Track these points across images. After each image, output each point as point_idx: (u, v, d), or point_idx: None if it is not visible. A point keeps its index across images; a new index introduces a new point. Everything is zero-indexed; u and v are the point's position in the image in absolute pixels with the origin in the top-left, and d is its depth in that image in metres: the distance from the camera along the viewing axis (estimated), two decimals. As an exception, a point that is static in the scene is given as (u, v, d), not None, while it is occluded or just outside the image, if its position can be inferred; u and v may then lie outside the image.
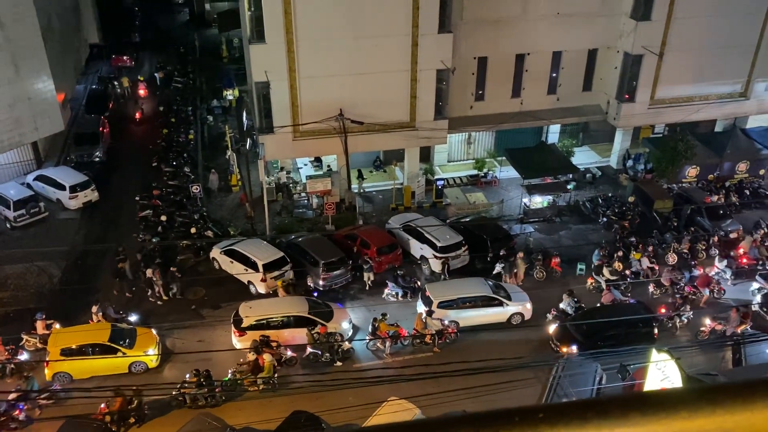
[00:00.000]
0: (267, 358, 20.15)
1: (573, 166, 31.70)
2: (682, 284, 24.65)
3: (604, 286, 24.45)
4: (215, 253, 26.11)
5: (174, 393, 19.38)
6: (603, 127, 34.75)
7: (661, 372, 11.29)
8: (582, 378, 18.56)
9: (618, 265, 24.99)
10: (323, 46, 27.03)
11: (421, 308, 23.06)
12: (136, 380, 20.31)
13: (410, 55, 27.99)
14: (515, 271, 25.48)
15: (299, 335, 21.82)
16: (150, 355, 21.20)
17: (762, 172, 32.79)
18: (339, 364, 21.47)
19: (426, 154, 33.21)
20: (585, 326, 21.54)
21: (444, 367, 18.22)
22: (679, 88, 32.68)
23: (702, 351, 21.10)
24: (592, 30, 31.48)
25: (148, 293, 24.39)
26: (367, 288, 25.24)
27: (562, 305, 23.49)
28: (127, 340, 21.24)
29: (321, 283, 24.67)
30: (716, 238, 27.42)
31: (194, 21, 57.50)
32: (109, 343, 20.89)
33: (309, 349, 21.46)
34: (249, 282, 24.85)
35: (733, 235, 27.97)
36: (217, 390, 19.66)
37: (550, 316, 23.28)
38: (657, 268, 25.63)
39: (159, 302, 24.24)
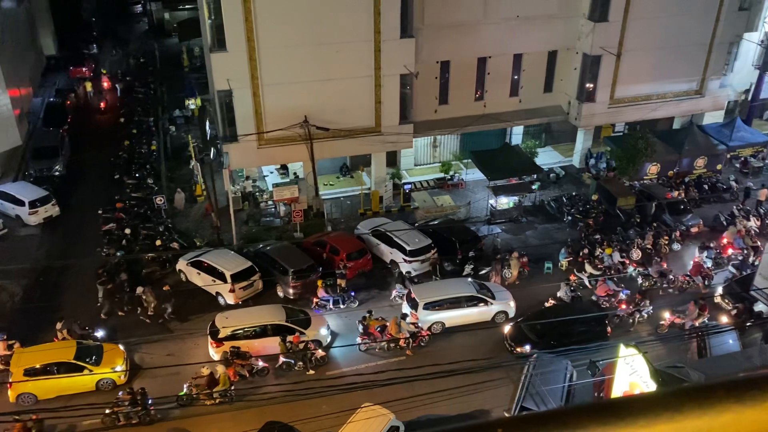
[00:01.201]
0: (221, 370, 19.84)
1: (537, 166, 32.11)
2: (672, 276, 25.35)
3: (587, 282, 24.84)
4: (182, 265, 25.72)
5: (107, 412, 18.92)
6: (565, 127, 35.31)
7: (630, 366, 11.48)
8: (553, 376, 18.76)
9: (596, 263, 25.49)
10: (286, 53, 26.92)
11: (407, 309, 23.23)
12: (104, 397, 19.89)
13: (373, 60, 28.07)
14: (504, 269, 25.80)
15: (271, 345, 21.60)
16: (118, 372, 20.75)
17: (719, 167, 33.68)
18: (311, 372, 21.32)
19: (392, 159, 33.30)
20: (538, 326, 21.77)
21: (417, 371, 18.24)
22: (638, 87, 33.42)
23: (668, 344, 21.52)
24: (552, 32, 31.99)
25: (138, 312, 23.71)
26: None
27: (559, 293, 24.03)
28: (94, 357, 20.77)
29: (290, 291, 24.50)
30: (678, 233, 28.07)
31: (154, 30, 56.72)
32: (74, 361, 20.39)
33: (281, 359, 21.29)
34: (217, 293, 24.54)
35: (694, 230, 28.71)
36: (152, 408, 19.26)
37: (548, 304, 23.90)
38: (628, 262, 26.20)
39: (148, 320, 23.56)
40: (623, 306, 23.30)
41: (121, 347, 21.62)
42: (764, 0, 34.42)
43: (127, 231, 27.45)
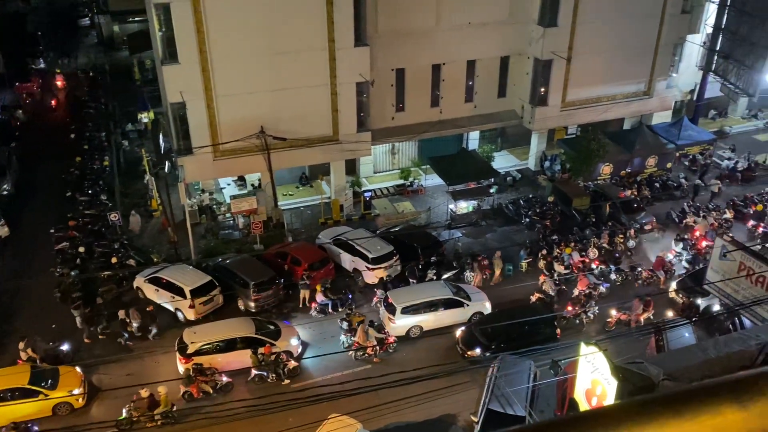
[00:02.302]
0: (162, 391, 19.38)
1: (494, 170, 32.54)
2: (640, 270, 26.09)
3: (557, 281, 25.25)
4: (139, 282, 25.16)
5: None
6: (519, 131, 35.88)
7: (591, 364, 11.65)
8: (517, 377, 18.94)
9: (558, 266, 26.00)
10: (239, 64, 26.69)
11: (384, 315, 23.33)
12: (62, 422, 19.24)
13: (328, 69, 28.05)
14: (487, 271, 26.20)
15: (241, 358, 21.34)
16: (75, 395, 20.12)
17: (669, 165, 34.68)
18: (287, 382, 21.12)
19: (352, 167, 33.29)
20: (489, 329, 21.95)
21: (383, 379, 18.20)
22: (588, 90, 34.22)
23: (628, 340, 21.95)
24: (503, 38, 32.51)
25: (124, 336, 22.90)
26: (300, 305, 24.96)
27: (544, 287, 24.56)
28: (50, 381, 20.10)
29: (252, 304, 24.20)
30: (633, 231, 28.78)
31: (103, 44, 55.55)
32: (29, 386, 19.70)
33: (254, 372, 21.03)
34: (177, 309, 24.06)
35: (647, 227, 29.46)
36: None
37: (533, 299, 24.40)
38: (587, 261, 26.78)
39: (129, 342, 22.82)
40: (569, 307, 23.60)
41: (78, 369, 20.98)
42: (705, 3, 35.70)
43: (81, 249, 26.72)
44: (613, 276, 26.02)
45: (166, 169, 30.93)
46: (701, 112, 38.81)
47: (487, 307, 24.11)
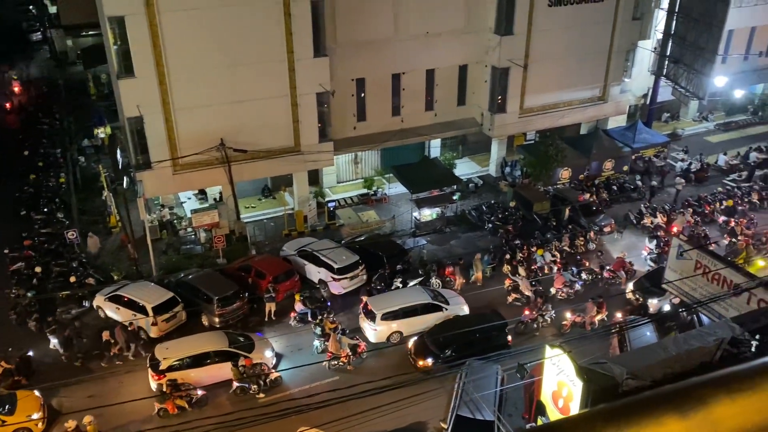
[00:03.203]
0: (87, 420, 18.85)
1: (456, 177, 32.85)
2: (608, 268, 26.71)
3: (521, 284, 25.54)
4: (99, 300, 24.56)
5: None
6: (480, 138, 36.32)
7: (556, 366, 11.80)
8: (485, 381, 19.06)
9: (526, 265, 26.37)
10: (198, 76, 26.42)
11: (364, 322, 23.40)
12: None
13: (288, 80, 27.97)
14: (452, 277, 26.46)
15: (216, 372, 21.09)
16: (34, 420, 19.48)
17: (626, 168, 35.51)
18: (262, 395, 20.97)
19: (315, 177, 33.19)
20: (441, 338, 21.94)
21: (353, 389, 18.10)
22: (545, 97, 34.86)
23: (591, 341, 22.31)
24: (461, 47, 32.92)
25: (105, 357, 22.38)
26: (266, 319, 24.70)
27: (521, 287, 24.92)
28: (7, 407, 19.43)
29: (216, 320, 23.85)
30: (592, 233, 29.35)
31: (56, 59, 54.30)
32: (-15, 413, 19.02)
33: (235, 384, 20.84)
34: (139, 327, 23.54)
35: (606, 229, 30.08)
36: None
37: (510, 299, 24.99)
38: (559, 264, 27.37)
39: (119, 362, 22.33)
40: (526, 312, 23.84)
41: (37, 393, 20.32)
42: (654, 10, 36.77)
43: (38, 269, 25.99)
44: (584, 275, 26.56)
45: (124, 185, 30.27)
46: (654, 116, 39.88)
47: (465, 310, 24.33)
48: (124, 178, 29.00)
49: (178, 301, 23.98)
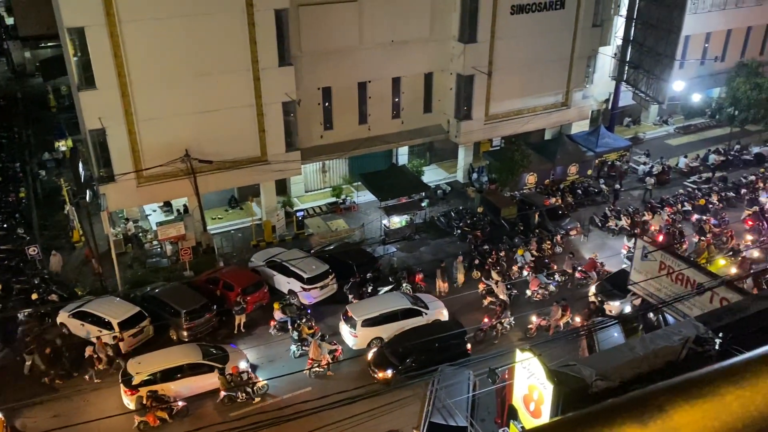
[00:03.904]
0: None
1: (424, 184, 33.00)
2: (579, 269, 27.13)
3: (495, 287, 25.73)
4: (63, 317, 23.93)
5: None
6: (446, 145, 36.58)
7: (527, 370, 11.88)
8: (457, 387, 19.10)
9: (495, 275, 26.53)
10: (161, 87, 26.08)
11: (344, 329, 23.30)
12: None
13: (253, 89, 27.79)
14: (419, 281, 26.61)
15: (192, 385, 20.87)
16: (-4, 443, 18.89)
17: (590, 172, 36.13)
18: (257, 400, 20.98)
19: (282, 187, 33.00)
20: (400, 349, 21.83)
21: (325, 400, 17.95)
22: (510, 103, 35.30)
23: (559, 343, 22.55)
24: (426, 55, 33.16)
25: (90, 373, 21.86)
26: (236, 331, 24.40)
27: (496, 290, 25.16)
28: (-34, 431, 18.79)
29: (185, 334, 23.47)
30: (559, 237, 29.74)
31: (14, 71, 53.07)
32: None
33: (223, 393, 20.67)
34: (106, 344, 23.00)
35: (572, 233, 30.52)
36: None
37: (486, 302, 25.05)
38: (550, 258, 28.02)
39: (97, 380, 21.77)
40: (485, 319, 23.89)
41: (0, 415, 19.71)
42: (614, 17, 37.59)
43: (-2, 287, 25.25)
44: (557, 277, 26.98)
45: (87, 199, 29.71)
46: (616, 120, 40.73)
47: (444, 314, 24.44)
48: (87, 191, 28.44)
49: (145, 316, 23.54)
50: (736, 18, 42.09)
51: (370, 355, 22.33)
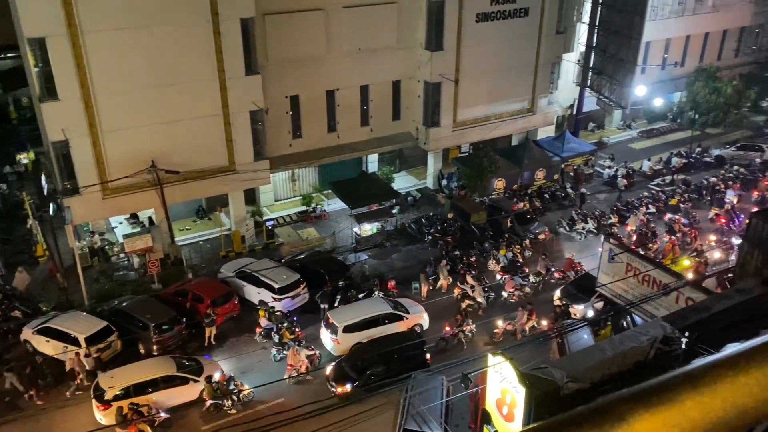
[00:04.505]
0: None
1: (395, 191, 33.09)
2: (553, 270, 27.58)
3: (470, 292, 25.94)
4: (27, 334, 23.29)
5: None
6: (416, 152, 36.76)
7: (499, 374, 11.95)
8: (431, 394, 19.12)
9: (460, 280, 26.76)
10: (126, 98, 25.71)
11: (326, 335, 23.21)
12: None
13: (220, 98, 27.58)
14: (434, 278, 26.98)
15: (170, 396, 20.63)
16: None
17: (556, 176, 36.65)
18: (241, 408, 20.82)
19: (251, 196, 32.75)
20: (359, 362, 21.62)
21: (298, 411, 17.81)
22: (477, 110, 35.66)
23: (531, 347, 22.75)
24: (393, 63, 33.33)
25: (71, 389, 21.41)
26: (206, 344, 24.08)
27: (474, 293, 25.40)
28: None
29: (154, 347, 23.08)
30: (528, 241, 30.08)
31: (-29, 82, 51.67)
32: None
33: (209, 402, 20.48)
34: (86, 355, 22.51)
35: (541, 236, 30.88)
36: None
37: (464, 305, 25.17)
38: (521, 261, 28.32)
39: (78, 392, 21.34)
40: (447, 328, 23.82)
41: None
42: (576, 24, 38.28)
43: (-42, 305, 24.51)
44: (532, 278, 27.32)
45: (51, 212, 29.07)
46: (581, 125, 41.45)
47: (425, 318, 24.56)
48: (51, 204, 27.84)
49: (113, 330, 23.09)
50: (694, 24, 43.28)
51: (328, 370, 21.95)
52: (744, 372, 1.89)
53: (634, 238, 29.74)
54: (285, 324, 23.52)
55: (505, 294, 26.42)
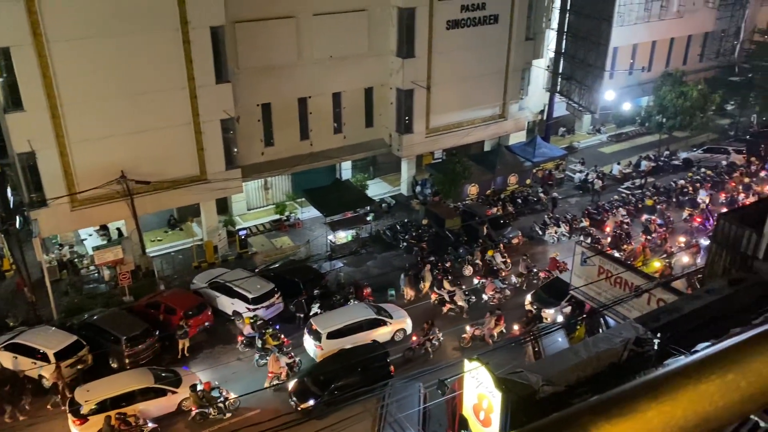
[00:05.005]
0: None
1: (369, 198, 33.07)
2: (535, 270, 28.00)
3: (447, 297, 26.00)
4: (-7, 351, 22.73)
5: None
6: (389, 158, 36.80)
7: (475, 379, 11.95)
8: (408, 401, 19.06)
9: (446, 284, 26.82)
10: (94, 107, 25.32)
11: (309, 342, 23.11)
12: None
13: (190, 107, 27.32)
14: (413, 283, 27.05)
15: (153, 407, 20.38)
16: None
17: (528, 181, 36.99)
18: (228, 416, 20.67)
19: (223, 206, 32.44)
20: (321, 377, 21.09)
21: (273, 423, 17.61)
22: (449, 116, 35.86)
23: (507, 351, 22.85)
24: (365, 70, 33.36)
25: (56, 400, 21.01)
26: (179, 356, 23.71)
27: (455, 297, 25.61)
28: None
29: (126, 361, 22.66)
30: (502, 246, 30.26)
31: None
32: None
33: (194, 410, 20.24)
34: (40, 376, 21.97)
35: (515, 241, 31.10)
36: None
37: (445, 310, 25.68)
38: (509, 261, 28.59)
39: (63, 407, 20.72)
40: (414, 337, 23.74)
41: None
42: (545, 30, 38.77)
43: None
44: (514, 279, 27.59)
45: (17, 225, 28.45)
46: (552, 130, 41.93)
47: (408, 323, 24.60)
48: (17, 217, 27.27)
49: (83, 345, 22.62)
50: (660, 30, 44.17)
51: (290, 385, 21.38)
52: (704, 380, 1.88)
53: (610, 239, 30.18)
54: (269, 330, 23.45)
55: (485, 297, 26.68)
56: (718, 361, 1.95)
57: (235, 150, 29.69)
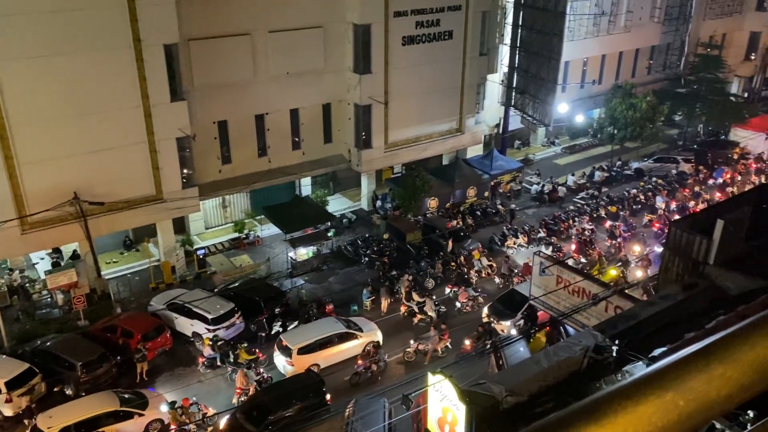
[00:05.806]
0: None
1: (329, 214, 32.97)
2: (516, 271, 28.60)
3: (416, 309, 26.21)
4: (-61, 382, 21.74)
5: None
6: (349, 174, 36.81)
7: (439, 393, 11.96)
8: (373, 417, 18.95)
9: (415, 296, 27.00)
10: (45, 127, 24.67)
11: (280, 358, 22.95)
12: None
13: (145, 126, 26.85)
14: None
15: (123, 429, 20.07)
16: None
17: (486, 194, 37.45)
18: (210, 430, 20.39)
19: (181, 225, 31.90)
20: (254, 412, 19.87)
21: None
22: (408, 131, 36.13)
23: (469, 364, 22.95)
24: (322, 86, 33.40)
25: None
26: (138, 380, 23.11)
27: (425, 308, 25.95)
28: None
29: (83, 388, 21.95)
30: (462, 258, 30.51)
31: None
32: None
33: (173, 427, 19.93)
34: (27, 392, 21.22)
35: (475, 253, 31.37)
36: None
37: (416, 320, 26.16)
38: (495, 265, 29.21)
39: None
40: (360, 361, 23.31)
41: None
42: (498, 45, 39.52)
43: None
44: (496, 280, 28.20)
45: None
46: (508, 143, 42.62)
47: (378, 336, 24.58)
48: (-37, 242, 26.20)
49: (36, 372, 21.85)
50: (609, 44, 45.52)
51: (222, 423, 20.18)
52: (643, 401, 1.89)
53: (574, 247, 30.77)
54: (244, 344, 23.26)
55: (458, 305, 27.02)
56: (656, 380, 1.95)
57: (191, 169, 29.26)
